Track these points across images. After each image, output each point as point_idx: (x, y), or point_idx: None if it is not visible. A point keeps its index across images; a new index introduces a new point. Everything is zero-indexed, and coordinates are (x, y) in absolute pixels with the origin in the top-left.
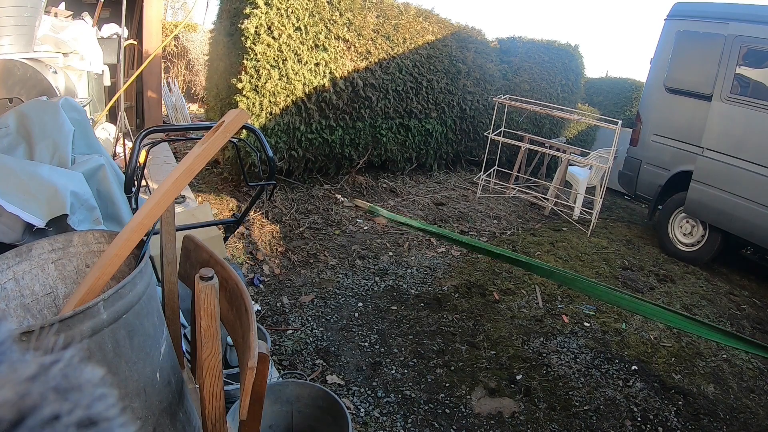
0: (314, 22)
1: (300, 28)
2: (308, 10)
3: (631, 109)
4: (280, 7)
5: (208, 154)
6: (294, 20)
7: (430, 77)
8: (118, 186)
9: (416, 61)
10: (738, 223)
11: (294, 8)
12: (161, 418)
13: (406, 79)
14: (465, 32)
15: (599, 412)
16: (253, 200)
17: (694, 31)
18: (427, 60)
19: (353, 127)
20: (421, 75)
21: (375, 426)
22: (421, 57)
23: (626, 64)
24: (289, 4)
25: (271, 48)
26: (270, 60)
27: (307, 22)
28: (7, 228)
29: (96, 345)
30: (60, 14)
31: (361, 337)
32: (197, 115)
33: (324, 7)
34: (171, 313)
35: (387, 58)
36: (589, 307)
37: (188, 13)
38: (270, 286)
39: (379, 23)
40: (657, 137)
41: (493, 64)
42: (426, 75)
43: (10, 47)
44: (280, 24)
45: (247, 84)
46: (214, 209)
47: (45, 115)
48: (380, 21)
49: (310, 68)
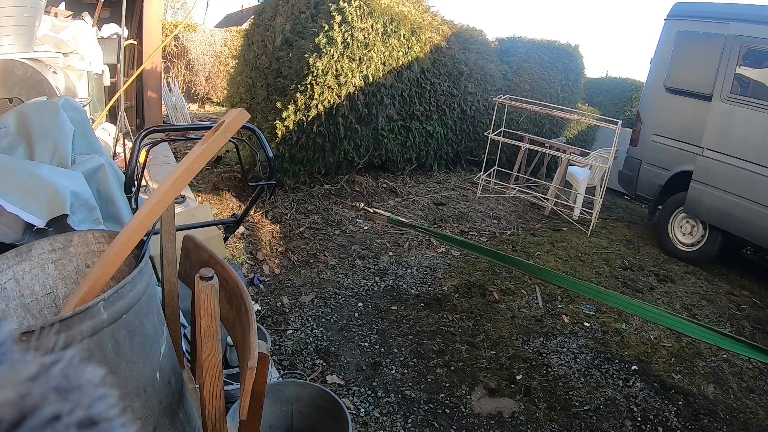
0: (366, 53)
1: (355, 58)
2: (365, 43)
3: (631, 109)
4: (350, 56)
5: (208, 154)
6: (355, 58)
7: (434, 81)
8: (118, 186)
9: (423, 67)
10: (738, 223)
11: (357, 47)
12: (161, 418)
13: (412, 84)
14: (467, 33)
15: (599, 412)
16: (253, 200)
17: (694, 31)
18: (432, 65)
19: (357, 131)
20: (426, 80)
21: (375, 426)
22: (428, 62)
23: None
24: (353, 50)
25: (325, 88)
26: (317, 95)
27: (362, 53)
28: (7, 228)
29: (96, 345)
30: (60, 14)
31: (361, 337)
32: (197, 115)
33: (377, 38)
34: (171, 313)
35: (398, 66)
36: (589, 307)
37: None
38: (270, 286)
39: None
40: (657, 137)
41: (493, 64)
42: (430, 79)
43: (10, 47)
44: (348, 69)
45: (291, 114)
46: (214, 209)
47: (45, 115)
48: (394, 28)
49: (339, 84)
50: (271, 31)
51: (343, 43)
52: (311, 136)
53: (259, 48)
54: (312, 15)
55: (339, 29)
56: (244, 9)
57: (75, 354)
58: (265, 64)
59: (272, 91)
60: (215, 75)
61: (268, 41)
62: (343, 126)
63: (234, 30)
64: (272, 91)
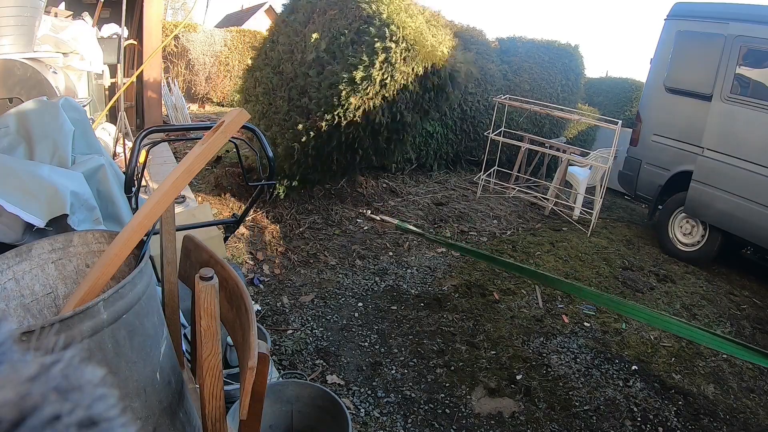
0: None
1: (389, 97)
2: (403, 84)
3: (631, 109)
4: (385, 94)
5: (208, 154)
6: (389, 97)
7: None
8: (118, 186)
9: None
10: (738, 223)
11: (393, 87)
12: (161, 418)
13: (416, 86)
14: (467, 33)
15: (599, 412)
16: (252, 200)
17: (694, 31)
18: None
19: (372, 161)
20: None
21: (375, 426)
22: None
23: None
24: (389, 90)
25: (352, 122)
26: (343, 128)
27: (394, 92)
28: (7, 228)
29: (96, 345)
30: (60, 14)
31: (361, 337)
32: (197, 115)
33: (413, 80)
34: (171, 313)
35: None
36: (589, 307)
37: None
38: (270, 286)
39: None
40: (657, 137)
41: (493, 64)
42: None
43: (10, 47)
44: (380, 108)
45: (312, 141)
46: (214, 209)
47: (45, 115)
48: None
49: (367, 120)
50: (302, 38)
51: (380, 83)
52: (326, 162)
53: (285, 51)
54: (352, 41)
55: (380, 68)
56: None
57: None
58: (290, 74)
59: (294, 108)
60: (215, 75)
61: (296, 49)
62: (361, 155)
63: (234, 30)
64: (294, 108)
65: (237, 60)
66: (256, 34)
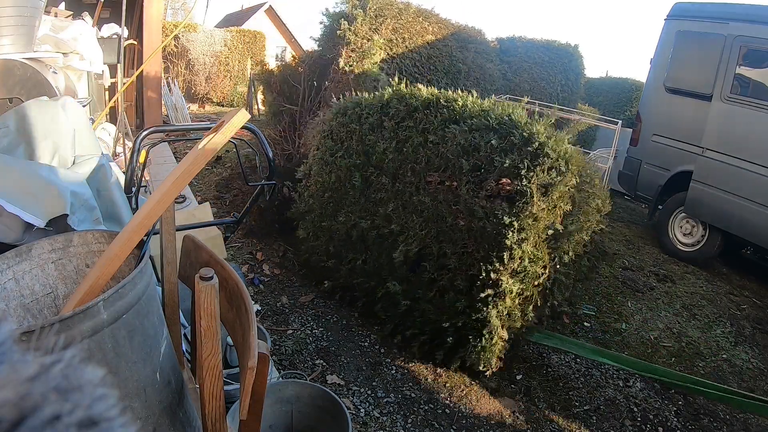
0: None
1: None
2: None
3: (631, 109)
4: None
5: (208, 154)
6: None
7: (430, 77)
8: (118, 186)
9: (416, 61)
10: (738, 223)
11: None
12: (161, 418)
13: (407, 80)
14: (465, 32)
15: (599, 412)
16: (252, 200)
17: (694, 31)
18: (427, 60)
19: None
20: (421, 75)
21: (375, 426)
22: (421, 57)
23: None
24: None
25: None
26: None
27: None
28: (7, 228)
29: (96, 345)
30: (60, 14)
31: (361, 337)
32: (197, 115)
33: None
34: (171, 313)
35: (387, 58)
36: (589, 307)
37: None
38: (270, 286)
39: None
40: (657, 137)
41: (492, 64)
42: (426, 75)
43: (10, 47)
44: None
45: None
46: (213, 209)
47: (45, 116)
48: (387, 22)
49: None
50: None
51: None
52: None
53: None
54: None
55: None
56: (244, 9)
57: (75, 354)
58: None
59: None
60: (215, 75)
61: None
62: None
63: (234, 30)
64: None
65: (237, 60)
66: (256, 35)
